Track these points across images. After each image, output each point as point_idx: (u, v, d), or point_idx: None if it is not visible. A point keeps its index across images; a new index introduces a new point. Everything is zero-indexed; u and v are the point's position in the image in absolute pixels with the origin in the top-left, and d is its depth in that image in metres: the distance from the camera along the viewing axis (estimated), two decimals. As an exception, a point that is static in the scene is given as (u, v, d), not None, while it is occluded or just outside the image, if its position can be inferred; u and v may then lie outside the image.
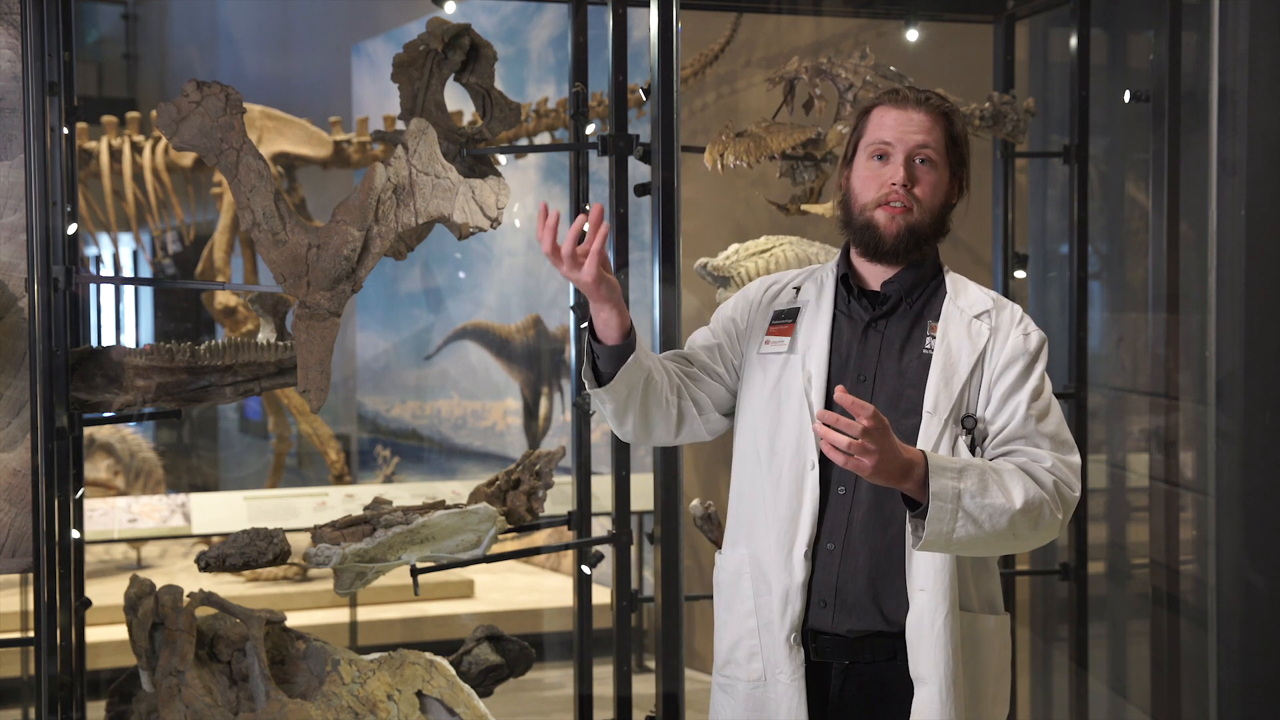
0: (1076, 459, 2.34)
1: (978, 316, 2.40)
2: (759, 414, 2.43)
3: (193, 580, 4.33)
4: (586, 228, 2.22)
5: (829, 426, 2.09)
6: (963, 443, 2.34)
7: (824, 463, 2.36)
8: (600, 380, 2.34)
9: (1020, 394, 2.35)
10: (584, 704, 3.62)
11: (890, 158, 2.38)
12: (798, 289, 2.50)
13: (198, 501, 5.62)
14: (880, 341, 2.40)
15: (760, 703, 2.42)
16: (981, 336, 2.38)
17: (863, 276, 2.45)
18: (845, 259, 2.48)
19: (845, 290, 2.45)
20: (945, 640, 2.30)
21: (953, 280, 2.46)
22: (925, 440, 2.32)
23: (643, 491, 3.64)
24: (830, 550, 2.36)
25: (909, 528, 2.23)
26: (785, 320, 2.47)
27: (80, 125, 5.42)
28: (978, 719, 2.38)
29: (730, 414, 2.54)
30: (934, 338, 2.38)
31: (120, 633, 2.95)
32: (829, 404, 2.37)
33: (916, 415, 2.34)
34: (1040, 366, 2.39)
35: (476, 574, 6.40)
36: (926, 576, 2.31)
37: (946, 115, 2.41)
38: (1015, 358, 2.37)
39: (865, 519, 2.35)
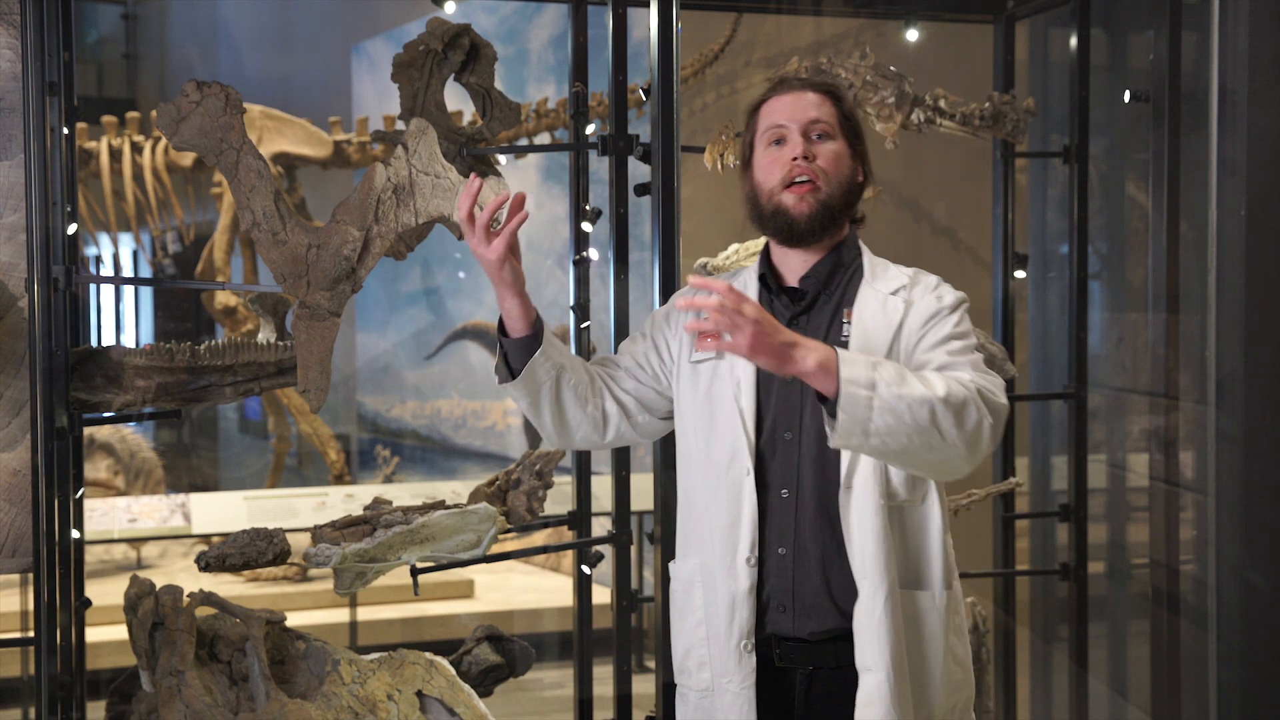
0: (1000, 380, 2.28)
1: (893, 293, 2.37)
2: (694, 423, 2.43)
3: (193, 580, 4.33)
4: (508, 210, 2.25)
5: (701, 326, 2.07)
6: None
7: (761, 468, 2.36)
8: (513, 375, 2.38)
9: (936, 335, 2.31)
10: (584, 704, 3.62)
11: (787, 139, 2.38)
12: None
13: (198, 501, 5.62)
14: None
15: (709, 711, 2.41)
16: (897, 311, 2.35)
17: (781, 273, 2.44)
18: (765, 257, 2.47)
19: (766, 290, 2.44)
20: (887, 624, 2.26)
21: (871, 264, 2.43)
22: None
23: (643, 491, 3.64)
24: (782, 555, 2.35)
25: (826, 428, 2.15)
26: None
27: (80, 125, 5.42)
28: (926, 701, 2.33)
29: (666, 418, 2.54)
30: (849, 323, 2.36)
31: (120, 633, 2.95)
32: (760, 409, 2.37)
33: None
34: (957, 316, 2.34)
35: (476, 574, 6.40)
36: (864, 562, 2.28)
37: (833, 93, 2.42)
38: (930, 315, 2.33)
39: (813, 520, 2.33)
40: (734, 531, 2.36)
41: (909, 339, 2.33)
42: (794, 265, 2.43)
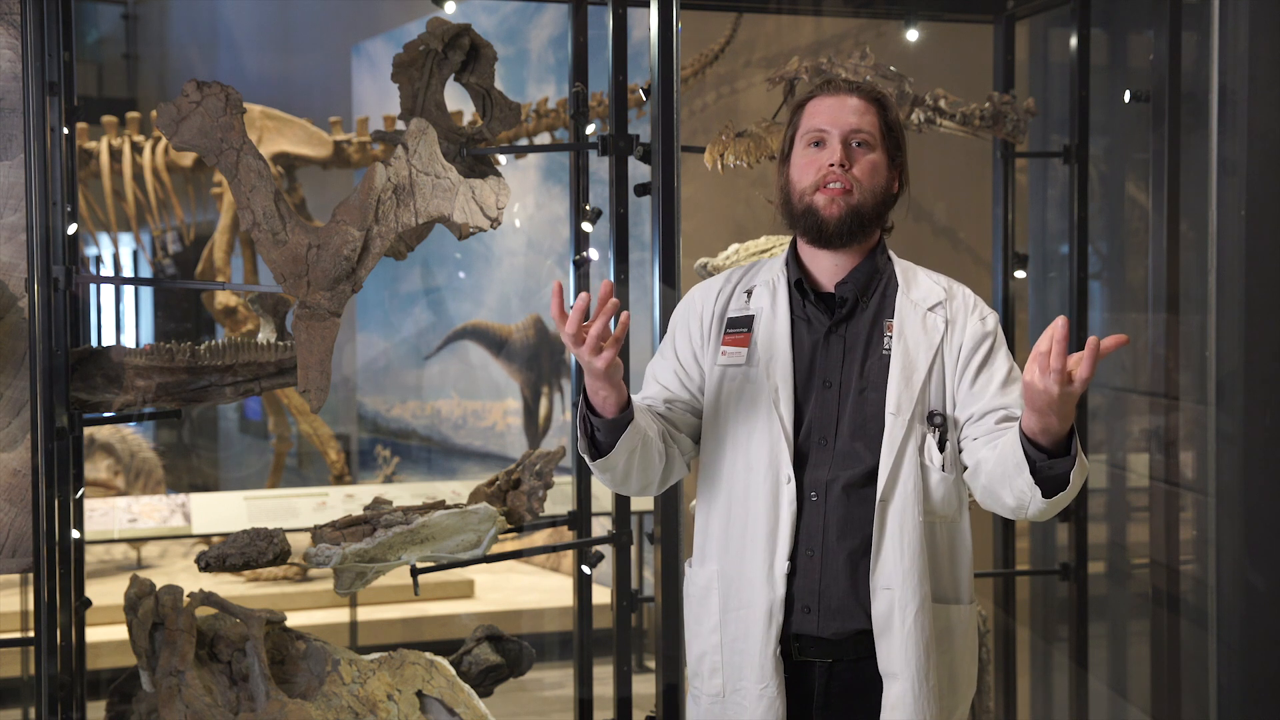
0: None
1: (931, 309, 2.40)
2: (726, 429, 2.42)
3: (193, 580, 4.33)
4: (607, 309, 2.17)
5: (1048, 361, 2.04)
6: (931, 440, 2.34)
7: (796, 473, 2.36)
8: (599, 450, 2.32)
9: (993, 371, 2.36)
10: (584, 704, 3.62)
11: (826, 143, 2.39)
12: (749, 292, 2.48)
13: (198, 501, 5.62)
14: (843, 346, 2.39)
15: (721, 715, 2.42)
16: (937, 331, 2.38)
17: (815, 278, 2.43)
18: (795, 259, 2.46)
19: (800, 294, 2.43)
20: (917, 635, 2.31)
21: (903, 270, 2.45)
22: (891, 441, 2.32)
23: (643, 491, 3.63)
24: (810, 556, 2.35)
25: (1028, 482, 2.16)
26: (740, 329, 2.44)
27: (80, 125, 5.43)
28: (952, 708, 2.39)
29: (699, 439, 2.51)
30: (891, 337, 2.38)
31: (120, 633, 2.95)
32: (798, 415, 2.37)
33: (882, 418, 2.34)
34: (1003, 344, 2.41)
35: (476, 574, 6.40)
36: (893, 575, 2.31)
37: (880, 101, 2.43)
38: (979, 342, 2.39)
39: (840, 521, 2.34)
40: (771, 538, 2.36)
41: (954, 360, 2.38)
42: (825, 267, 2.43)
